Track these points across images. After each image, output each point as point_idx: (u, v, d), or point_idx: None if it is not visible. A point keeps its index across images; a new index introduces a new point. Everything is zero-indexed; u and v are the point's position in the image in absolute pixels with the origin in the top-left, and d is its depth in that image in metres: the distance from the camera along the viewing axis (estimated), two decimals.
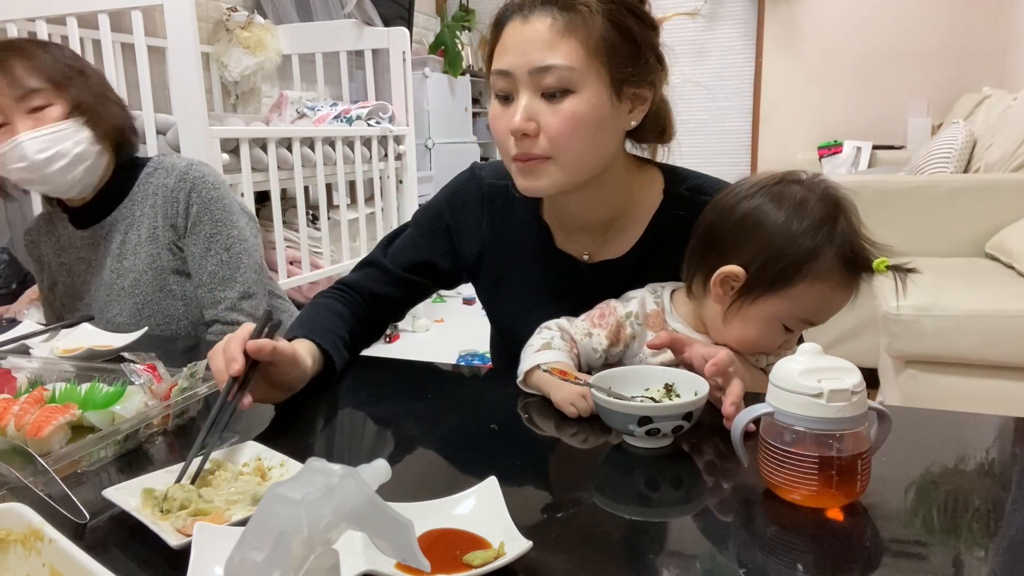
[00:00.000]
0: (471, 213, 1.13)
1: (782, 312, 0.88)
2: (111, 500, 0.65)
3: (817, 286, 0.86)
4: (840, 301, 0.88)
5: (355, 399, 1.02)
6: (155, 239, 1.40)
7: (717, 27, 5.09)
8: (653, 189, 1.06)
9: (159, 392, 0.86)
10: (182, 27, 2.16)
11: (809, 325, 0.90)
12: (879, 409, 0.67)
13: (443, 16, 5.58)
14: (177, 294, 1.41)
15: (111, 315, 1.42)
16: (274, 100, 3.68)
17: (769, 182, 0.90)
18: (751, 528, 0.64)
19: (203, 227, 1.39)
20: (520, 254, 1.11)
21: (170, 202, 1.39)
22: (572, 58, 0.88)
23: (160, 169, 1.43)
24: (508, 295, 1.13)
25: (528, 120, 0.90)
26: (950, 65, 4.42)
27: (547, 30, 0.89)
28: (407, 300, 1.18)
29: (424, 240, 1.15)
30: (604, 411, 0.79)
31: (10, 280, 2.52)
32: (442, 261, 1.14)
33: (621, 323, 0.96)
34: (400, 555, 0.48)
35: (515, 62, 0.91)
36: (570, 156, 0.92)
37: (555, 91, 0.89)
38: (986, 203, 2.57)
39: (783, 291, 0.86)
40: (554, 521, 0.65)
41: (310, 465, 0.48)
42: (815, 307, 0.88)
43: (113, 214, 1.43)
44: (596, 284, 1.05)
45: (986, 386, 2.06)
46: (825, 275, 0.85)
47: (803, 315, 0.88)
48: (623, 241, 1.05)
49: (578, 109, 0.89)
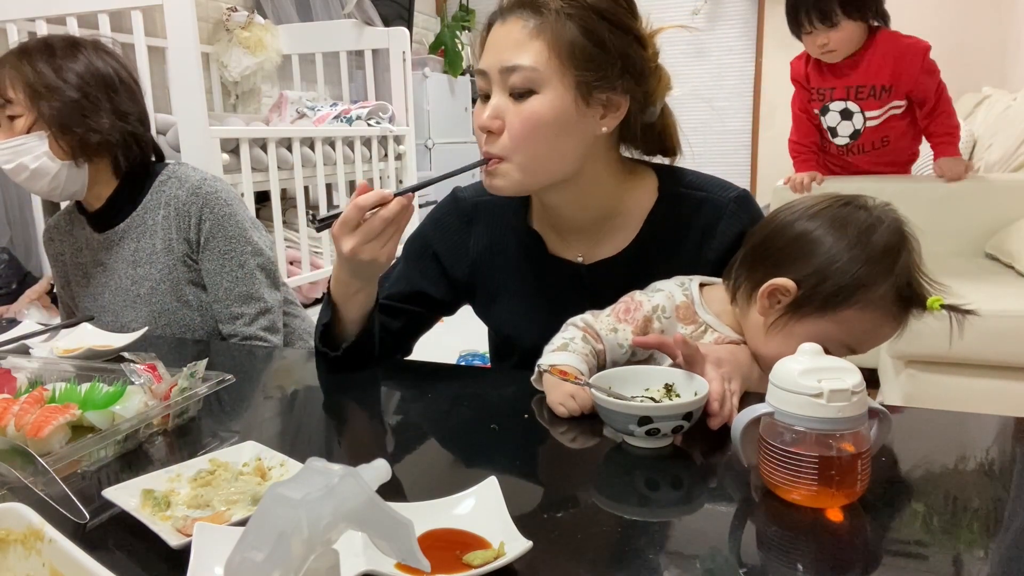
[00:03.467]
0: (456, 235, 1.14)
1: (827, 334, 0.86)
2: (111, 500, 0.65)
3: (867, 314, 0.86)
4: (886, 334, 0.88)
5: (355, 399, 1.02)
6: (171, 250, 1.41)
7: (717, 27, 5.09)
8: (646, 188, 1.06)
9: (159, 392, 0.86)
10: (182, 27, 2.16)
11: (850, 353, 0.89)
12: (879, 409, 0.67)
13: (443, 16, 5.58)
14: (193, 304, 1.42)
15: (127, 320, 1.43)
16: (274, 100, 3.69)
17: (835, 203, 0.89)
18: (751, 528, 0.64)
19: (217, 243, 1.40)
20: (513, 265, 1.11)
21: (182, 216, 1.40)
22: (537, 59, 0.91)
23: (173, 179, 1.43)
24: (506, 307, 1.13)
25: (494, 118, 0.94)
26: (950, 65, 4.40)
27: (519, 32, 0.93)
28: (408, 331, 1.18)
29: (414, 270, 1.16)
30: (604, 411, 0.79)
31: (10, 280, 2.52)
32: (434, 289, 1.15)
33: (648, 318, 0.95)
34: (400, 555, 0.48)
35: (489, 62, 0.95)
36: (526, 156, 0.94)
37: (521, 91, 0.92)
38: (986, 203, 2.57)
39: (832, 313, 0.86)
40: (554, 521, 0.65)
41: (310, 465, 0.48)
42: (861, 335, 0.87)
43: (126, 220, 1.43)
44: (595, 284, 1.05)
45: (986, 386, 2.06)
46: (877, 304, 0.85)
47: (847, 341, 0.88)
48: (618, 240, 1.06)
49: (538, 110, 0.92)
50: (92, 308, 1.48)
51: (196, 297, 1.42)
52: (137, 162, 1.43)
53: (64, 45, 1.36)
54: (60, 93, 1.32)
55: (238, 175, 2.58)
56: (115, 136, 1.37)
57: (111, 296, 1.45)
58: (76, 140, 1.34)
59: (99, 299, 1.47)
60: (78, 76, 1.34)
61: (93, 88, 1.35)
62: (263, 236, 1.48)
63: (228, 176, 2.49)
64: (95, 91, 1.35)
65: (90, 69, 1.35)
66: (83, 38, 1.41)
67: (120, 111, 1.37)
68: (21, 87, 1.31)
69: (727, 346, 0.91)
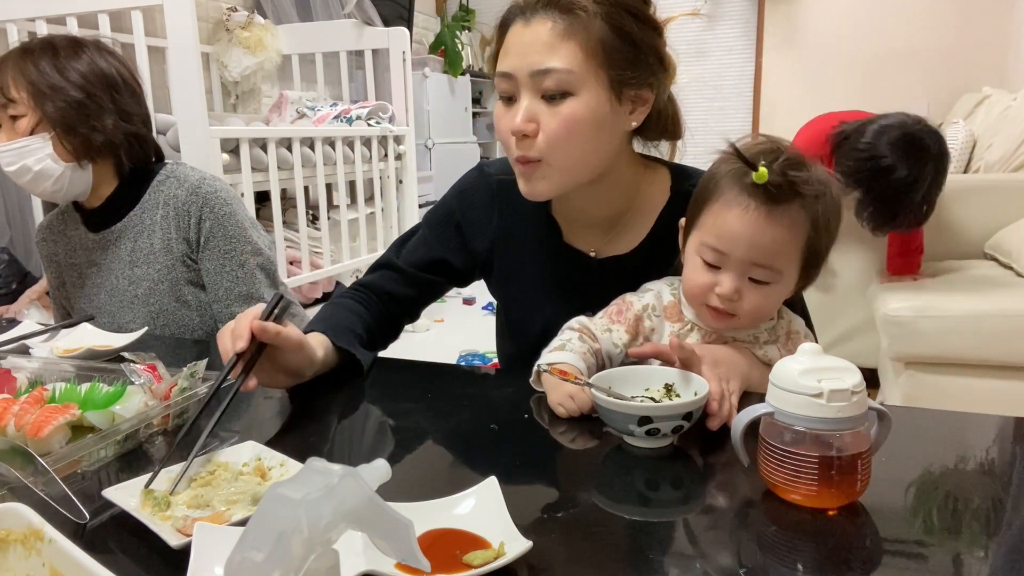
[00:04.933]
0: (481, 209, 1.14)
1: (697, 244, 0.90)
2: (111, 500, 0.65)
3: (715, 208, 0.88)
4: (739, 221, 0.86)
5: (355, 399, 1.02)
6: (169, 250, 1.40)
7: (717, 27, 5.10)
8: (660, 186, 1.06)
9: (159, 392, 0.86)
10: (182, 27, 2.16)
11: (720, 255, 0.88)
12: (879, 409, 0.67)
13: (443, 16, 5.59)
14: (192, 304, 1.42)
15: (124, 321, 1.42)
16: (274, 100, 3.69)
17: None
18: (751, 528, 0.64)
19: (217, 243, 1.39)
20: (530, 249, 1.12)
21: (182, 215, 1.39)
22: (571, 61, 0.90)
23: (172, 179, 1.43)
24: (519, 289, 1.14)
25: (528, 121, 0.92)
26: (950, 65, 4.42)
27: (547, 33, 0.90)
28: (422, 299, 1.19)
29: (436, 238, 1.15)
30: (604, 411, 0.79)
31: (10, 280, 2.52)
32: (455, 258, 1.15)
33: (639, 316, 0.96)
34: (400, 555, 0.48)
35: (516, 64, 0.92)
36: (566, 158, 0.93)
37: (554, 93, 0.91)
38: (986, 203, 2.57)
39: (697, 223, 0.91)
40: (554, 521, 0.65)
41: (310, 465, 0.48)
42: (717, 230, 0.87)
43: (123, 220, 1.43)
44: (604, 280, 1.05)
45: (986, 386, 2.06)
46: (721, 194, 0.87)
47: (709, 241, 0.88)
48: (630, 237, 1.06)
49: (576, 111, 0.91)
50: (88, 309, 1.47)
51: (195, 297, 1.42)
52: (139, 162, 1.42)
53: (67, 44, 1.35)
54: (64, 93, 1.31)
55: (238, 175, 2.58)
56: (119, 137, 1.36)
57: (107, 297, 1.45)
58: (80, 141, 1.33)
59: (95, 300, 1.46)
60: (81, 76, 1.32)
61: (97, 88, 1.34)
62: (262, 236, 1.48)
63: (228, 176, 2.49)
64: (99, 91, 1.34)
65: (93, 69, 1.34)
66: (86, 38, 1.39)
67: (124, 111, 1.37)
68: (24, 86, 1.30)
69: (724, 347, 0.92)
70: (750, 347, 0.94)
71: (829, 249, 0.90)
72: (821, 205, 0.86)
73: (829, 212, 0.87)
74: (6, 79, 1.31)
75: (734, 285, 0.87)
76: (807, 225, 0.86)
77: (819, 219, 0.86)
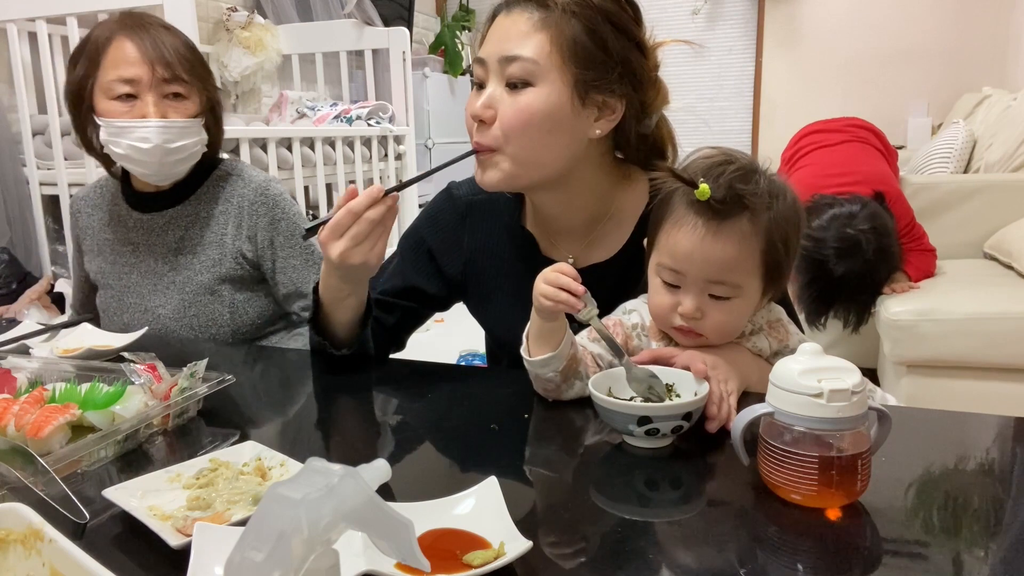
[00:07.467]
0: (450, 232, 1.14)
1: (655, 265, 0.91)
2: (111, 500, 0.65)
3: (667, 228, 0.88)
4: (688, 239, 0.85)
5: (355, 399, 1.02)
6: (222, 245, 1.41)
7: (717, 27, 5.09)
8: (638, 192, 1.05)
9: (159, 392, 0.86)
10: (182, 27, 2.14)
11: (677, 275, 0.88)
12: (879, 409, 0.67)
13: (443, 16, 5.58)
14: (226, 300, 1.42)
15: (153, 304, 1.42)
16: (274, 100, 3.69)
17: None
18: (751, 528, 0.64)
19: (296, 240, 1.43)
20: (506, 265, 1.11)
21: (248, 214, 1.41)
22: (537, 52, 0.92)
23: (235, 176, 1.45)
24: (498, 306, 1.13)
25: (487, 107, 0.94)
26: (950, 65, 4.42)
27: (523, 23, 0.93)
28: (403, 326, 1.18)
29: (409, 265, 1.16)
30: (604, 411, 0.79)
31: (10, 280, 2.52)
32: (428, 284, 1.15)
33: (628, 335, 0.96)
34: (400, 555, 0.48)
35: (490, 51, 0.95)
36: (519, 149, 0.94)
37: (517, 82, 0.93)
38: (986, 203, 2.57)
39: (655, 243, 0.91)
40: (554, 521, 0.65)
41: (310, 465, 0.48)
42: (670, 250, 0.88)
43: (177, 207, 1.43)
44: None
45: (989, 389, 2.06)
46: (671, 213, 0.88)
47: (665, 262, 0.88)
48: (610, 244, 1.06)
49: (534, 103, 0.92)
50: (114, 286, 1.46)
51: (230, 294, 1.42)
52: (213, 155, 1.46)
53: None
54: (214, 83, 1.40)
55: None
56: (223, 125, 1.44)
57: (139, 278, 1.44)
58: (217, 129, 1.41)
59: (124, 279, 1.46)
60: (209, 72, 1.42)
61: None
62: None
63: None
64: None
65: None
66: None
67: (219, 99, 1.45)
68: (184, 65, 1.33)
69: (724, 347, 0.91)
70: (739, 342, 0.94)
71: (791, 257, 0.89)
72: (773, 214, 0.86)
73: (784, 220, 0.87)
74: (172, 56, 1.32)
75: (694, 304, 0.87)
76: (760, 237, 0.85)
77: (772, 229, 0.86)
